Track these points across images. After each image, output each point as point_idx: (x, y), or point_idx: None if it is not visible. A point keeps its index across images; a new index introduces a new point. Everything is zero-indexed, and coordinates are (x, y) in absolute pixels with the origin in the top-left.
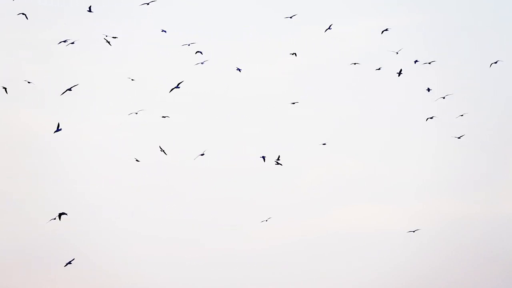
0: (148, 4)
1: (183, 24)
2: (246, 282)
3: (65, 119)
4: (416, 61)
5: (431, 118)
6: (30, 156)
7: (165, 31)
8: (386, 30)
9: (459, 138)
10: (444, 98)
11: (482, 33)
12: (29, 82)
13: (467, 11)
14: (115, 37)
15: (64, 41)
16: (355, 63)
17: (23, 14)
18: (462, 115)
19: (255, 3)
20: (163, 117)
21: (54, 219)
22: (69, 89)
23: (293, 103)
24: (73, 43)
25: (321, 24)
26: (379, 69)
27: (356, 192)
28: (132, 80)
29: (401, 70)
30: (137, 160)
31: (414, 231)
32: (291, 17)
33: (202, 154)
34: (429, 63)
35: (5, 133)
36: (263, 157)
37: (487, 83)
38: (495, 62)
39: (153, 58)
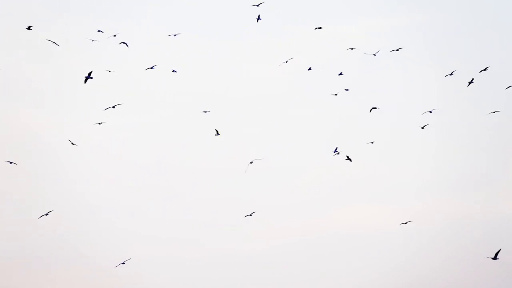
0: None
1: (183, 24)
2: (246, 282)
3: (65, 119)
4: (309, 68)
5: (375, 108)
6: (30, 156)
7: (101, 32)
8: (317, 27)
9: (422, 128)
10: (431, 112)
11: (482, 33)
12: None
13: (467, 11)
14: (56, 43)
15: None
16: (352, 48)
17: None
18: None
19: (255, 3)
20: (204, 112)
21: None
22: (113, 107)
23: (335, 95)
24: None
25: (321, 24)
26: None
27: (356, 192)
28: (109, 71)
29: (472, 79)
30: (72, 143)
31: (406, 223)
32: (257, 5)
33: (251, 162)
34: (397, 50)
35: (5, 133)
36: (336, 151)
37: (487, 83)
38: (451, 74)
39: (153, 58)
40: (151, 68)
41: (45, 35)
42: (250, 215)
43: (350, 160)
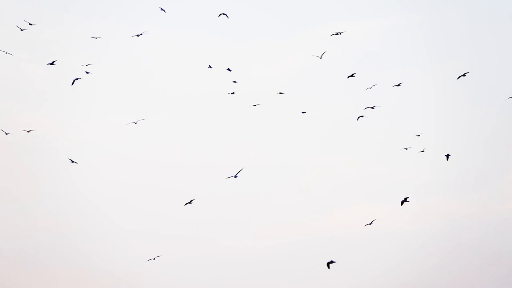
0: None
1: (183, 24)
2: (247, 281)
3: (65, 119)
4: (228, 69)
5: (304, 113)
6: (30, 156)
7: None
8: (221, 12)
9: (359, 118)
10: (373, 108)
11: (482, 33)
12: None
13: (467, 11)
14: (9, 53)
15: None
16: (337, 33)
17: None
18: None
19: (255, 3)
20: (254, 105)
21: None
22: (135, 123)
23: (303, 112)
24: None
25: (321, 25)
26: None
27: (356, 192)
28: (87, 65)
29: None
30: (6, 133)
31: (371, 223)
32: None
33: (235, 176)
34: (340, 33)
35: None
36: (423, 151)
37: (487, 83)
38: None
39: (152, 58)
40: (51, 64)
41: (46, 35)
42: (190, 202)
43: (448, 158)
